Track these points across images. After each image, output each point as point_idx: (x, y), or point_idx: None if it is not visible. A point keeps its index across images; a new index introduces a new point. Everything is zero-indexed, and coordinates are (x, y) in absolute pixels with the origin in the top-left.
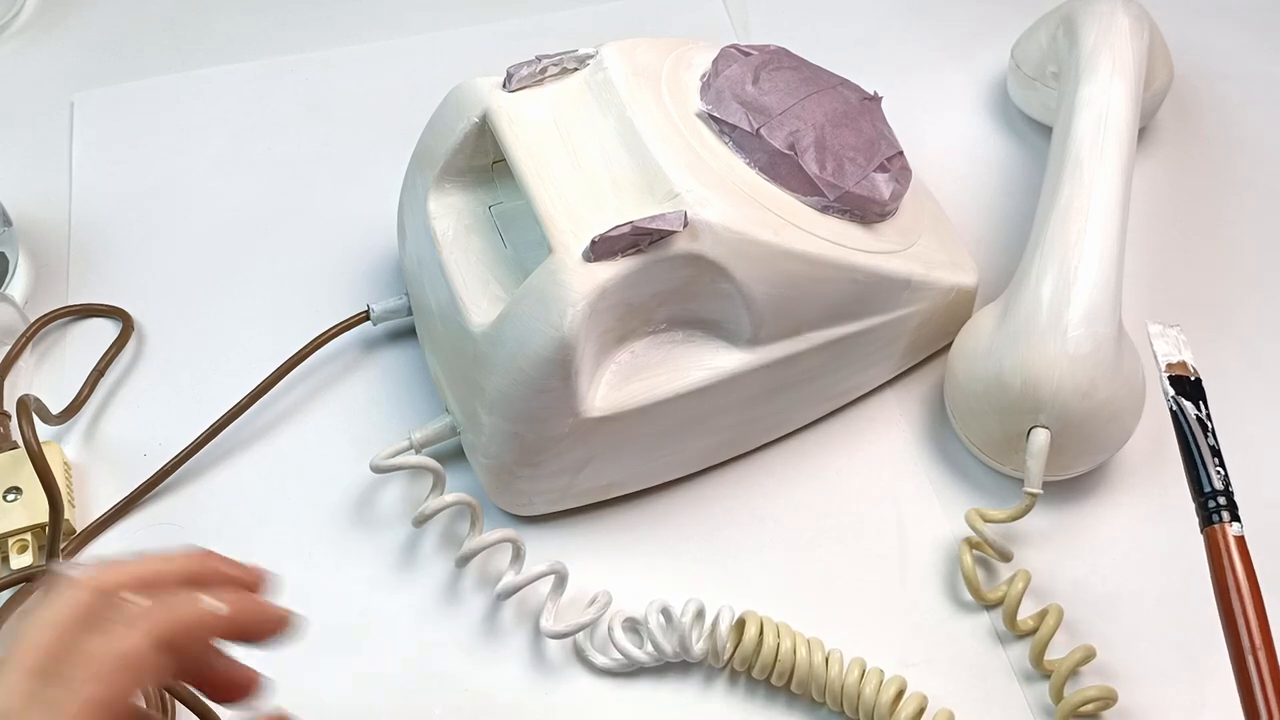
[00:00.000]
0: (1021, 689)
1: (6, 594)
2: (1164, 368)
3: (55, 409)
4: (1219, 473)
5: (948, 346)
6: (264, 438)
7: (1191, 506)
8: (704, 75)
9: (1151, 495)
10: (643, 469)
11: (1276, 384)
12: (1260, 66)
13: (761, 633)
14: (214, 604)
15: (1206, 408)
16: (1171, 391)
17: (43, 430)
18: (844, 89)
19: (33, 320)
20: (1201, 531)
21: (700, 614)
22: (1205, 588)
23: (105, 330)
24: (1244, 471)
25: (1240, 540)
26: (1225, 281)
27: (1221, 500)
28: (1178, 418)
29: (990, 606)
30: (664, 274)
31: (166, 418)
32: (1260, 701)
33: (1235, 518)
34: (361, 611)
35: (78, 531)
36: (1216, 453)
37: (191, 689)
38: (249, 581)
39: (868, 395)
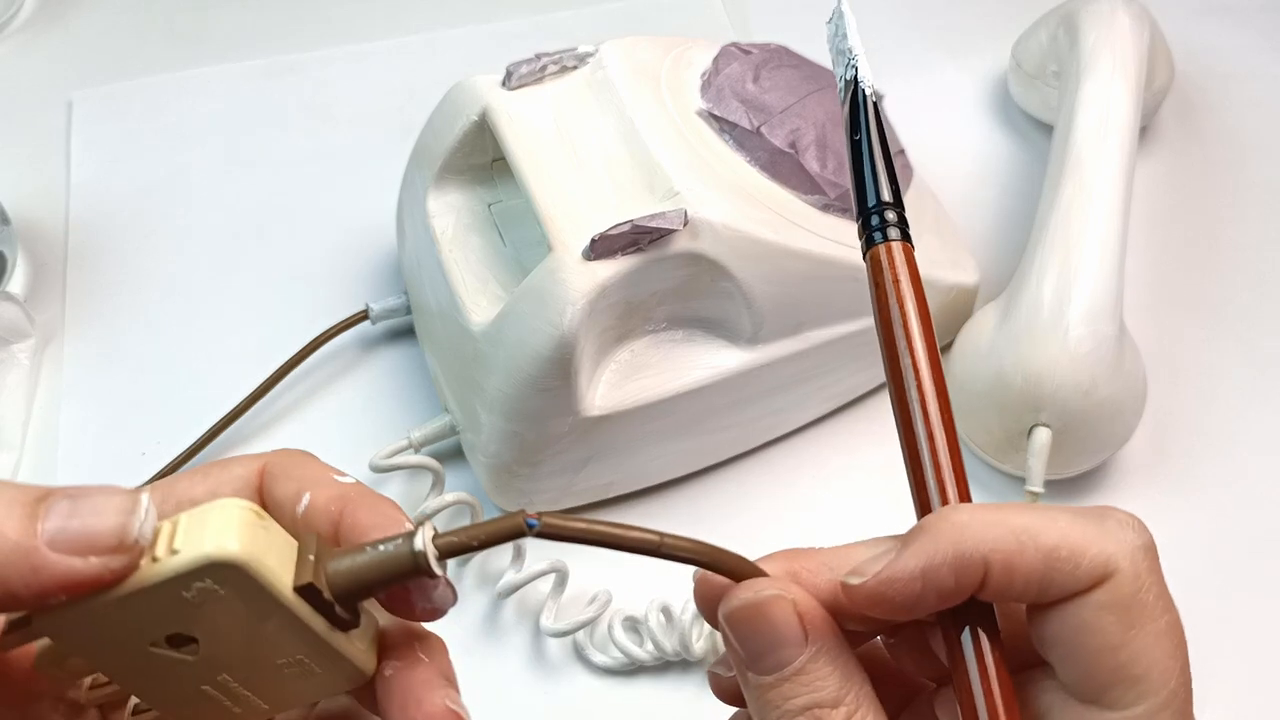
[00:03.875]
0: None
1: None
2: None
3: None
4: (893, 185)
5: (949, 345)
6: (263, 437)
7: (1194, 506)
8: (704, 73)
9: (1152, 494)
10: (643, 468)
11: (1278, 383)
12: (1261, 65)
13: None
14: None
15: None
16: (870, 76)
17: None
18: None
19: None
20: (865, 255)
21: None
22: (1205, 588)
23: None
24: (1244, 470)
25: (913, 258)
26: (1226, 280)
27: (891, 216)
28: (871, 105)
29: None
30: (664, 272)
31: (165, 417)
32: (924, 449)
33: (907, 238)
34: None
35: None
36: (890, 162)
37: None
38: None
39: (868, 395)
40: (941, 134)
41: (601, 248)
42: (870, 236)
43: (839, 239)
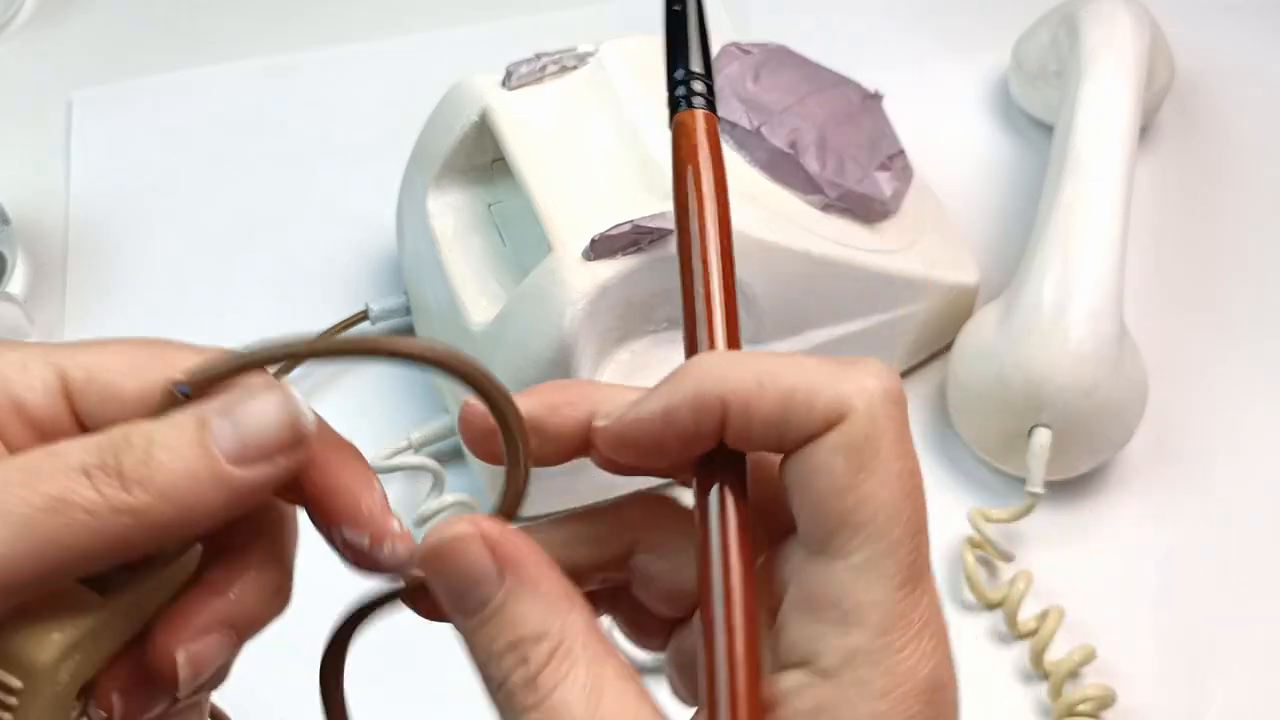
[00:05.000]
0: (1023, 689)
1: None
2: None
3: None
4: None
5: (949, 346)
6: None
7: (1196, 506)
8: None
9: (1153, 494)
10: None
11: (1279, 382)
12: (1261, 64)
13: None
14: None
15: None
16: None
17: None
18: (845, 87)
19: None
20: (670, 122)
21: None
22: (1207, 587)
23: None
24: (1246, 470)
25: (714, 125)
26: (1227, 279)
27: (699, 86)
28: None
29: (992, 607)
30: (664, 272)
31: None
32: (699, 303)
33: (712, 108)
34: None
35: None
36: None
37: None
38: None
39: None
40: (941, 134)
41: (601, 248)
42: (676, 103)
43: (839, 239)
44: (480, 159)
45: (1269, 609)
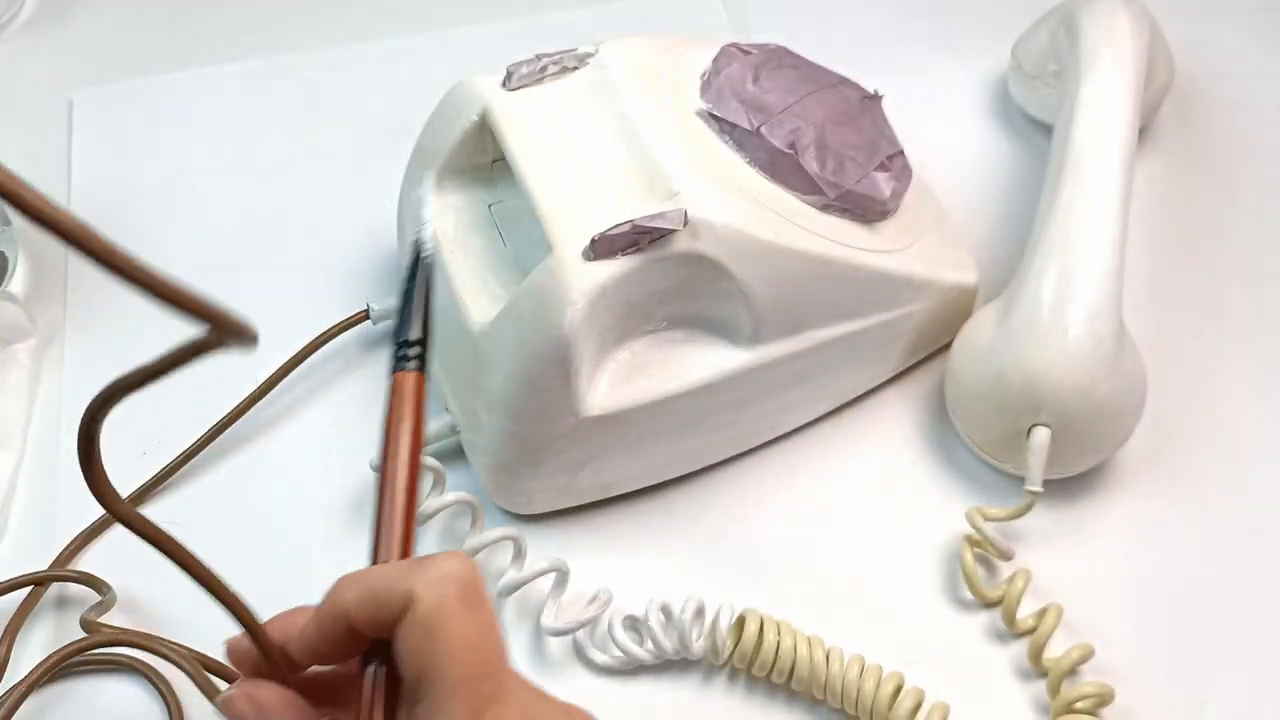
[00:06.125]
0: (1021, 687)
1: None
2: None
3: None
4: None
5: (948, 345)
6: (263, 438)
7: (1194, 505)
8: (704, 74)
9: (1152, 493)
10: (643, 468)
11: (1278, 382)
12: (1261, 65)
13: (761, 630)
14: None
15: None
16: (431, 240)
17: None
18: (844, 87)
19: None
20: (389, 374)
21: (700, 612)
22: (1204, 587)
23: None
24: (1244, 470)
25: (422, 386)
26: (1226, 279)
27: (415, 351)
28: (426, 261)
29: (990, 605)
30: (664, 272)
31: (165, 417)
32: (383, 534)
33: (423, 369)
34: None
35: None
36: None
37: None
38: None
39: (868, 394)
40: (941, 134)
41: (601, 248)
42: (395, 363)
43: (838, 239)
44: (480, 159)
45: (1268, 607)
